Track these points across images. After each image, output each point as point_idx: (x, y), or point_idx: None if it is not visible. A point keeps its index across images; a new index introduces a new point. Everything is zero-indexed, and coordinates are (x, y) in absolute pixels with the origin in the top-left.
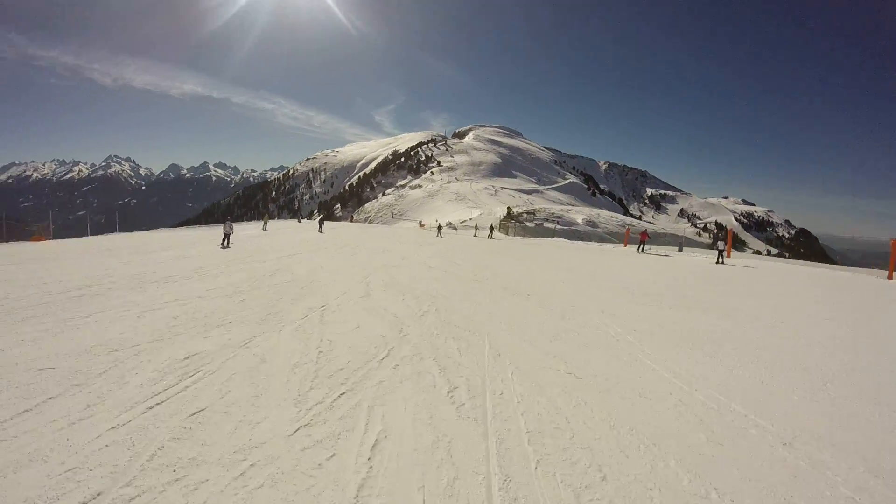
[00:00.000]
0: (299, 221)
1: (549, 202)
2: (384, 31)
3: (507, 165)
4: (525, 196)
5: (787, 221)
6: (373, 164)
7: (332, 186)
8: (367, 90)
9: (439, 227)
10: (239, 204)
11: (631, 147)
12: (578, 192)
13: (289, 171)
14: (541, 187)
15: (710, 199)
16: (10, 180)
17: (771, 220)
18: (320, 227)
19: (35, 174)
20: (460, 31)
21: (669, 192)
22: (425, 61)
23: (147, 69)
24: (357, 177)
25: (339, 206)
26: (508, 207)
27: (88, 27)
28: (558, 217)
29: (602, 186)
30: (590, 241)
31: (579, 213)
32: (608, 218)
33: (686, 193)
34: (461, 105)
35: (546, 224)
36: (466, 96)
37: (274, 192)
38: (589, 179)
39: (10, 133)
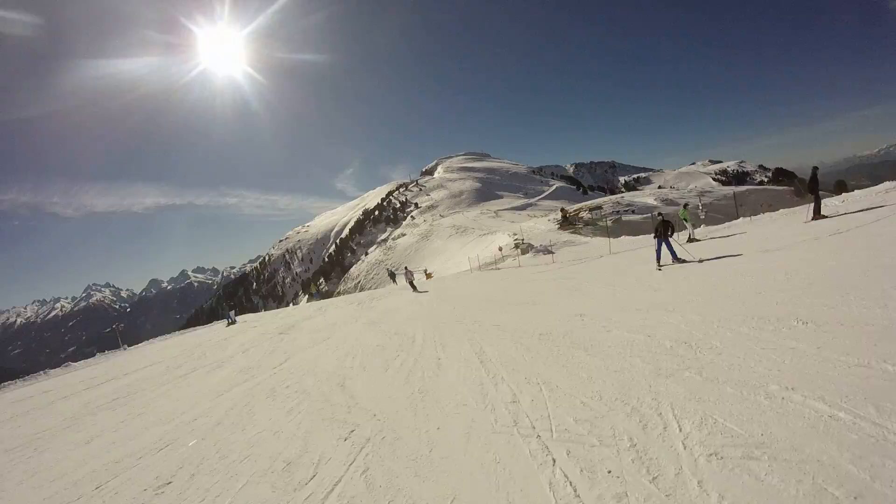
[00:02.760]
0: (231, 322)
1: (547, 211)
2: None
3: (488, 188)
4: (522, 211)
5: (761, 167)
6: (346, 229)
7: (311, 262)
8: (321, 160)
9: None
10: (221, 304)
11: (591, 143)
12: (570, 195)
13: (265, 258)
14: (532, 199)
15: (682, 169)
16: None
17: (745, 169)
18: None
19: (19, 319)
20: (393, 69)
21: (642, 175)
22: (368, 111)
23: (105, 192)
24: (334, 245)
25: (322, 280)
26: (562, 208)
27: (39, 162)
28: (629, 204)
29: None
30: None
31: (647, 196)
32: (677, 192)
33: (658, 171)
34: (417, 148)
35: (625, 217)
36: (420, 137)
37: (255, 283)
38: (573, 181)
39: None
